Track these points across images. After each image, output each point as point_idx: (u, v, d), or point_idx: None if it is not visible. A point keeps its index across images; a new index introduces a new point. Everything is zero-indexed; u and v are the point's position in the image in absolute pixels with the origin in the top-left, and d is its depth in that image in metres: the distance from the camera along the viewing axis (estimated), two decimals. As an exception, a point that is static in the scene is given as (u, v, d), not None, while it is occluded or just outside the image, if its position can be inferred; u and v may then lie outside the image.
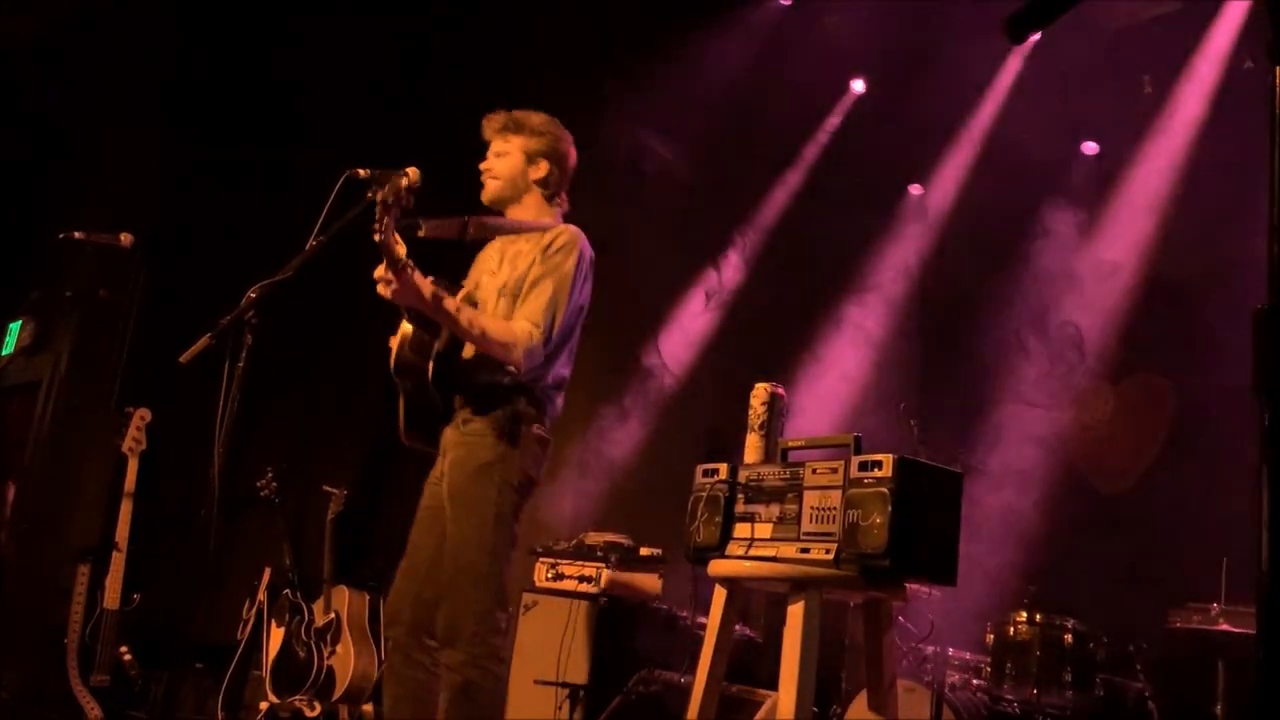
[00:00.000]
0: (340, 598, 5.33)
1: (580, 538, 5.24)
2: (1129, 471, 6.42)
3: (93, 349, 6.13)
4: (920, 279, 7.32)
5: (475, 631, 2.97)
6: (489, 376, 3.09)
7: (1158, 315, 6.24)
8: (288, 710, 5.10)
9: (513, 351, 3.01)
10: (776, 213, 7.44)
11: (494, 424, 3.08)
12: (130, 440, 5.36)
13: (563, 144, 3.36)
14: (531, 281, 3.13)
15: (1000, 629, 4.76)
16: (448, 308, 2.97)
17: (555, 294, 3.11)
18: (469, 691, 2.94)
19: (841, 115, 7.10)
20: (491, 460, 3.06)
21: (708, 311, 7.42)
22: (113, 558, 5.26)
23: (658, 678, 4.71)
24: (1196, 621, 4.78)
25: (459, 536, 3.06)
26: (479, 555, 3.01)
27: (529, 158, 3.31)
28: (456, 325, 3.00)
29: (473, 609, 2.98)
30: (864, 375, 7.21)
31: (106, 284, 6.00)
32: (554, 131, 3.35)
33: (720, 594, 3.07)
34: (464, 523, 3.05)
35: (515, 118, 3.34)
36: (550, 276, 3.12)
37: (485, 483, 3.05)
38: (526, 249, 3.24)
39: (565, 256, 3.16)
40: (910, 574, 2.73)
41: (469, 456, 3.09)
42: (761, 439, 3.12)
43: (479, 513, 3.04)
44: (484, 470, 3.05)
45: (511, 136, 3.32)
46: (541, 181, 3.32)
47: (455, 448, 3.15)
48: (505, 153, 3.32)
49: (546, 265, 3.14)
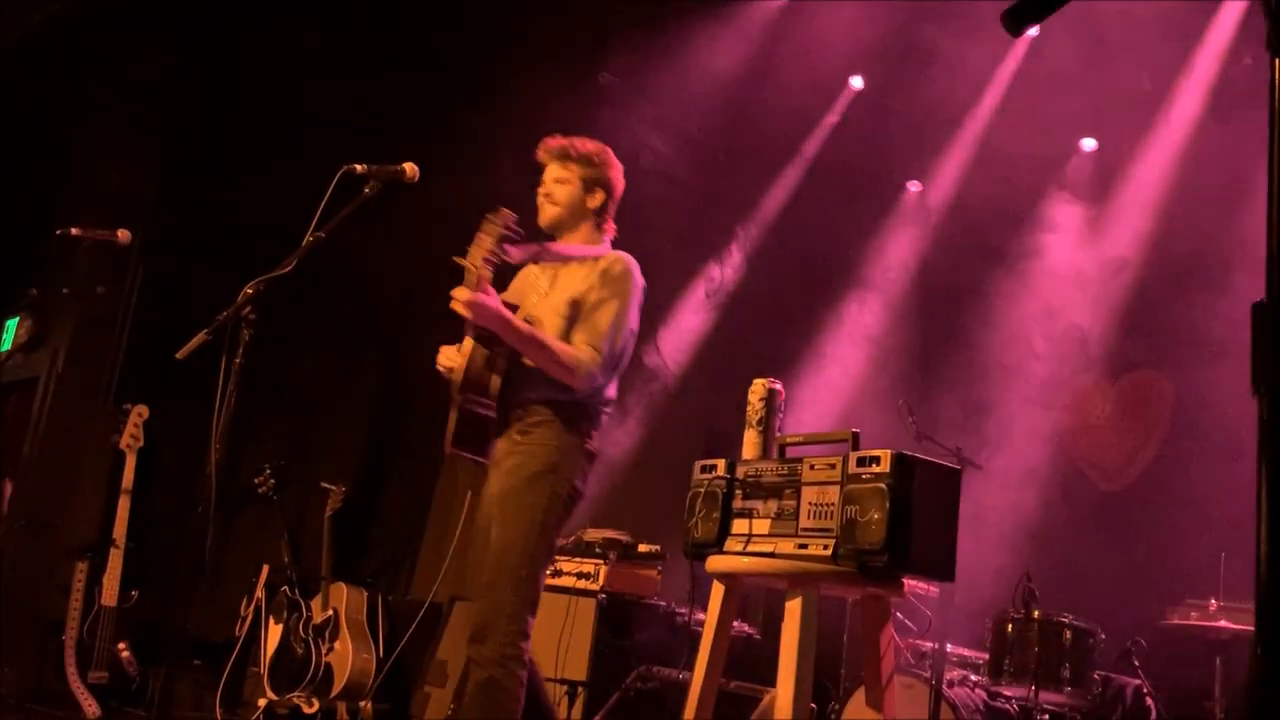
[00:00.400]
0: (338, 594, 5.33)
1: (579, 534, 5.23)
2: (1127, 468, 6.43)
3: (90, 345, 6.13)
4: (919, 275, 7.32)
5: (506, 631, 3.06)
6: (548, 393, 3.22)
7: (1157, 311, 6.24)
8: (286, 707, 5.10)
9: (575, 374, 3.17)
10: (775, 209, 7.43)
11: (549, 437, 3.22)
12: (128, 437, 5.36)
13: (615, 173, 3.49)
14: (592, 305, 3.27)
15: (998, 625, 4.75)
16: (521, 330, 3.14)
17: (616, 319, 3.26)
18: (491, 689, 3.02)
19: (840, 112, 7.09)
20: (543, 470, 3.18)
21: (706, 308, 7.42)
22: (111, 554, 5.26)
23: (656, 674, 4.71)
24: (1194, 618, 4.79)
25: (504, 540, 3.15)
26: (520, 560, 3.11)
27: (586, 186, 3.43)
28: (528, 347, 3.16)
29: (507, 610, 3.07)
30: (862, 372, 7.21)
31: (104, 280, 5.99)
32: (609, 161, 3.48)
33: (718, 590, 3.07)
34: (510, 527, 3.15)
35: (574, 146, 3.44)
36: (610, 302, 3.27)
37: (536, 491, 3.17)
38: (581, 272, 3.35)
39: (623, 283, 3.31)
40: (908, 570, 2.73)
41: (522, 466, 3.20)
42: (760, 435, 3.12)
43: (526, 519, 3.15)
44: (536, 479, 3.18)
45: (570, 165, 3.43)
46: (597, 210, 3.45)
47: (508, 457, 3.25)
48: (566, 180, 3.42)
49: (606, 290, 3.29)
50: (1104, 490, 6.49)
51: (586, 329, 3.24)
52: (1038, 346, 6.57)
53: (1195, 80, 6.04)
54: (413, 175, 3.14)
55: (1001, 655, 4.68)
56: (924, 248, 7.29)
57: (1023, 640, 4.62)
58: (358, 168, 3.02)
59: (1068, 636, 4.57)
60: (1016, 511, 6.10)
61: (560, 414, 3.23)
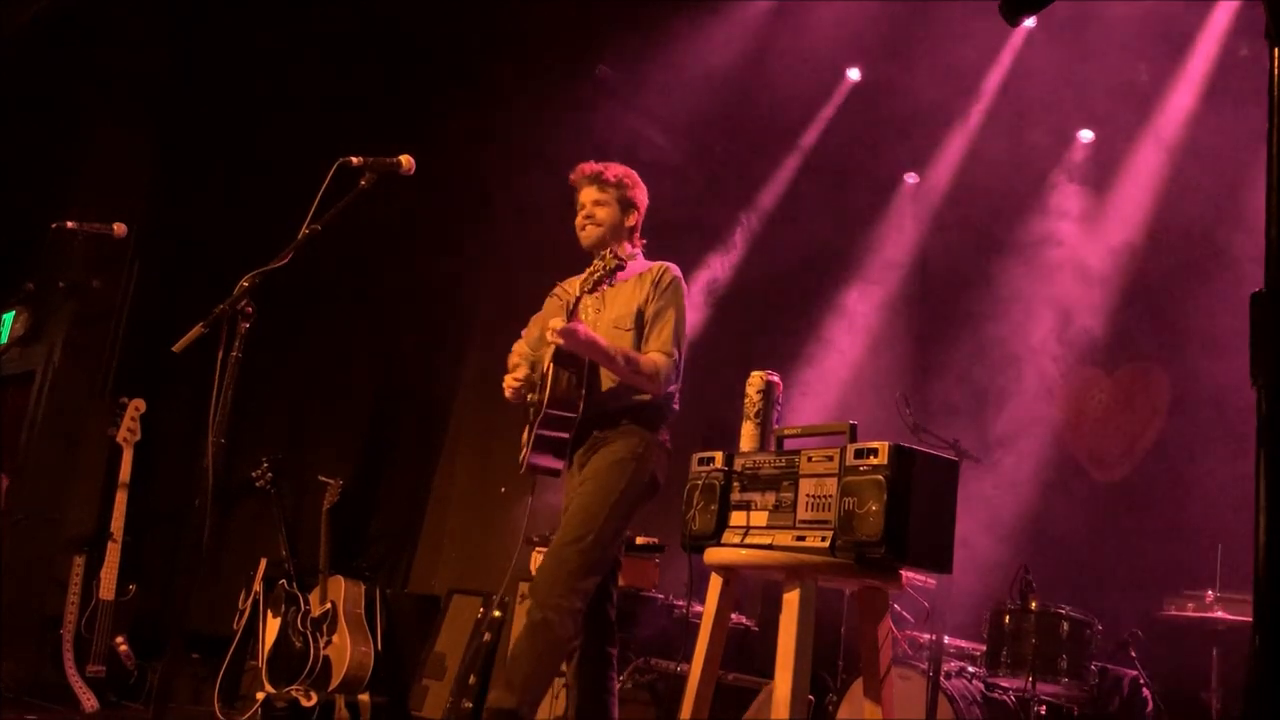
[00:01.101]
0: (336, 588, 5.33)
1: (576, 527, 5.23)
2: (1125, 459, 6.43)
3: (86, 339, 6.12)
4: (916, 267, 7.31)
5: (567, 584, 3.24)
6: (629, 401, 3.48)
7: (1154, 302, 6.24)
8: (284, 700, 5.10)
9: (656, 380, 3.46)
10: (773, 200, 7.42)
11: (632, 433, 3.47)
12: (125, 431, 5.36)
13: (643, 193, 3.76)
14: (654, 315, 3.54)
15: (995, 617, 4.76)
16: (609, 350, 3.40)
17: (677, 324, 3.54)
18: (542, 628, 3.20)
19: (837, 103, 7.08)
20: (628, 457, 3.43)
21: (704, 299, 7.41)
22: (108, 548, 5.26)
23: (654, 666, 4.72)
24: (1191, 609, 4.79)
25: (580, 508, 3.37)
26: (590, 527, 3.31)
27: (623, 207, 3.69)
28: (614, 365, 3.42)
29: (569, 566, 3.27)
30: (860, 364, 7.21)
31: (100, 274, 5.98)
32: (638, 182, 3.75)
33: (716, 582, 3.07)
34: (589, 497, 3.38)
35: (610, 170, 3.70)
36: (669, 310, 3.54)
37: (619, 473, 3.40)
38: (629, 286, 3.59)
39: (676, 290, 3.59)
40: (906, 562, 2.73)
41: (607, 454, 3.45)
42: (757, 427, 3.12)
43: (605, 494, 3.37)
44: (620, 464, 3.42)
45: (607, 188, 3.68)
46: (630, 229, 3.72)
47: (591, 455, 3.49)
48: (605, 202, 3.67)
49: (664, 299, 3.55)
50: (1101, 481, 6.50)
51: (655, 338, 3.51)
52: (1034, 338, 6.57)
53: (1192, 70, 6.04)
54: (409, 167, 3.13)
55: (999, 647, 4.69)
56: (922, 239, 7.29)
57: (1020, 631, 4.63)
58: (354, 160, 3.01)
59: (1065, 628, 4.57)
60: (1014, 503, 6.11)
61: (640, 416, 3.48)
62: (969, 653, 4.95)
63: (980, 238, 6.91)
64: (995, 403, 6.52)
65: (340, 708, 5.11)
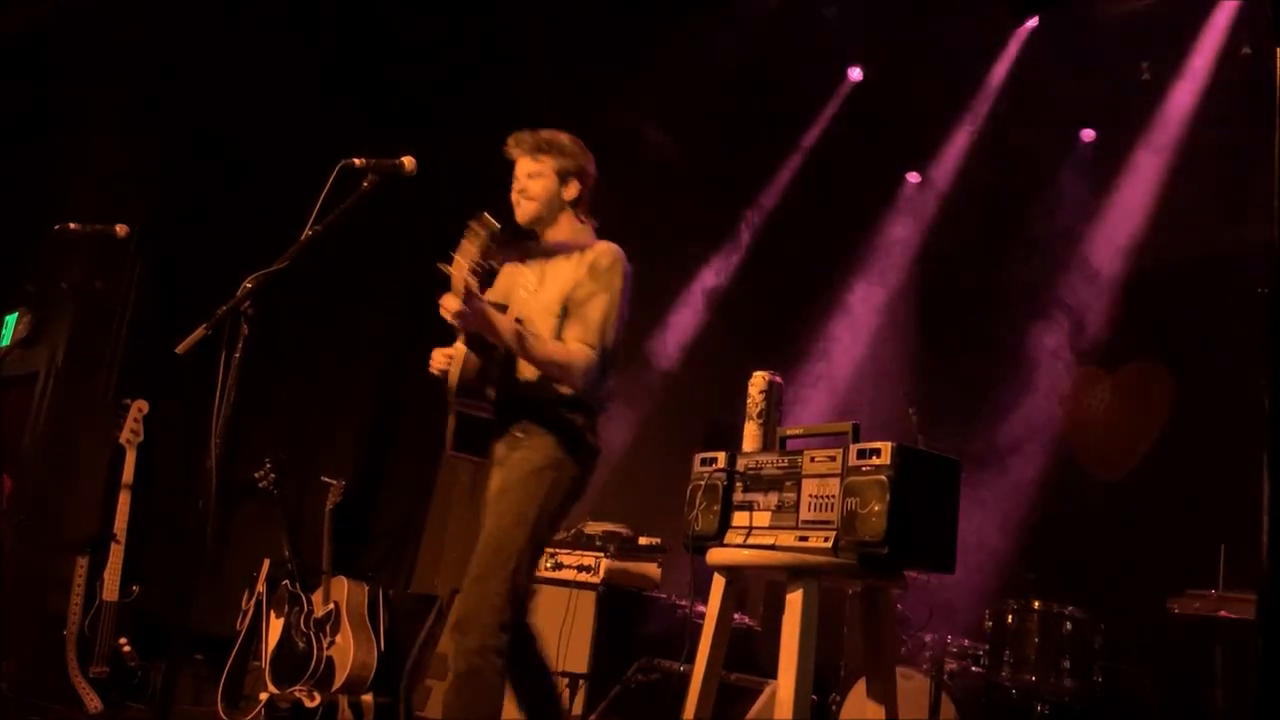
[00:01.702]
0: (339, 588, 5.33)
1: (579, 527, 5.24)
2: (1128, 458, 6.43)
3: (89, 340, 6.12)
4: (920, 266, 7.31)
5: (489, 622, 3.03)
6: (548, 394, 3.20)
7: (1157, 301, 6.23)
8: (287, 701, 5.10)
9: (571, 372, 3.14)
10: (776, 199, 7.42)
11: (553, 434, 3.18)
12: (128, 432, 5.36)
13: (589, 163, 3.42)
14: (581, 300, 3.21)
15: (999, 616, 4.75)
16: (513, 333, 3.08)
17: (607, 312, 3.21)
18: (473, 679, 3.00)
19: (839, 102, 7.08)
20: (545, 465, 3.16)
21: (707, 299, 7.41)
22: (111, 549, 5.25)
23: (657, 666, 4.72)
24: (1195, 608, 4.78)
25: (499, 529, 3.12)
26: (513, 552, 3.08)
27: (561, 178, 3.36)
28: (519, 349, 3.11)
29: (493, 600, 3.04)
30: (863, 363, 7.21)
31: (102, 275, 5.98)
32: (582, 151, 3.41)
33: (719, 582, 3.07)
34: (504, 518, 3.13)
35: (545, 138, 3.37)
36: (600, 295, 3.21)
37: (536, 483, 3.14)
38: (568, 267, 3.30)
39: (613, 275, 3.25)
40: (909, 562, 2.73)
41: (525, 460, 3.18)
42: (760, 427, 3.12)
43: (520, 511, 3.12)
44: (537, 472, 3.15)
45: (543, 157, 3.36)
46: (574, 201, 3.38)
47: (511, 454, 3.22)
48: (539, 174, 3.35)
49: (596, 284, 3.23)
50: (1103, 480, 6.49)
51: (578, 325, 3.19)
52: (1037, 337, 6.57)
53: (1195, 69, 6.03)
54: (411, 169, 3.12)
55: (1002, 646, 4.68)
56: (925, 238, 7.29)
57: (1023, 631, 4.62)
58: (356, 161, 3.00)
59: (1068, 627, 4.57)
60: (1017, 502, 6.10)
61: (560, 412, 3.20)
62: (972, 652, 4.94)
63: (982, 237, 6.90)
64: (998, 402, 6.51)
65: (343, 708, 5.11)
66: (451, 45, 6.34)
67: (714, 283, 7.45)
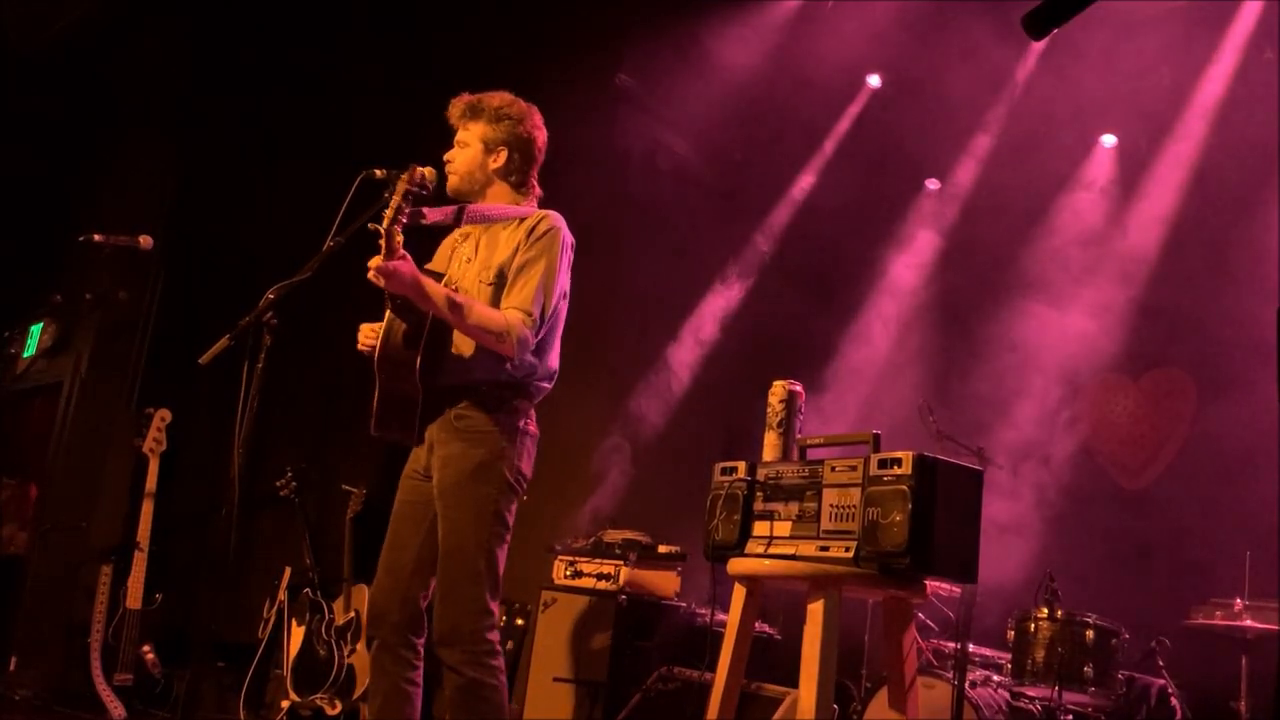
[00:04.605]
0: (360, 596, 5.34)
1: (599, 535, 5.24)
2: (1150, 466, 6.38)
3: (113, 350, 6.18)
4: (940, 273, 7.28)
5: (473, 630, 2.94)
6: (485, 374, 3.04)
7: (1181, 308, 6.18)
8: (309, 708, 5.12)
9: (505, 340, 2.96)
10: (794, 208, 7.42)
11: (492, 422, 3.03)
12: (151, 441, 5.40)
13: (524, 126, 3.23)
14: (517, 268, 3.06)
15: (1021, 625, 4.72)
16: (440, 295, 2.93)
17: (544, 280, 3.05)
18: (476, 691, 2.93)
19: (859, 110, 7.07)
20: (489, 459, 3.01)
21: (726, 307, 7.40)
22: (135, 558, 5.29)
23: (677, 675, 4.71)
24: (1219, 617, 4.74)
25: (457, 537, 3.00)
26: (477, 554, 2.97)
27: (487, 147, 3.20)
28: (449, 314, 2.94)
29: (470, 607, 2.95)
30: (884, 372, 7.18)
31: (126, 286, 6.04)
32: (514, 115, 3.22)
33: (740, 592, 3.07)
34: (462, 522, 3.00)
35: (473, 103, 3.22)
36: (537, 263, 3.05)
37: (484, 481, 3.00)
38: (505, 235, 3.16)
39: (550, 242, 3.09)
40: (930, 572, 2.72)
41: (465, 454, 3.02)
42: (780, 437, 3.12)
43: (477, 511, 2.99)
44: (482, 469, 3.00)
45: (470, 124, 3.21)
46: (502, 171, 3.21)
47: (447, 444, 3.06)
48: (463, 143, 3.22)
49: (532, 251, 3.07)
50: (1126, 488, 6.45)
51: (516, 293, 3.03)
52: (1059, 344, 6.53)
53: (1217, 73, 6.00)
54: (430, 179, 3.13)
55: (1024, 655, 4.65)
56: (945, 244, 7.26)
57: (1046, 640, 4.59)
58: (377, 172, 3.02)
59: (1091, 636, 4.53)
60: (1039, 510, 6.06)
61: (496, 394, 3.04)
62: (994, 661, 4.92)
63: (1002, 243, 6.87)
64: (1019, 409, 6.48)
65: (364, 716, 5.13)
66: (472, 55, 6.36)
67: (733, 292, 7.44)
